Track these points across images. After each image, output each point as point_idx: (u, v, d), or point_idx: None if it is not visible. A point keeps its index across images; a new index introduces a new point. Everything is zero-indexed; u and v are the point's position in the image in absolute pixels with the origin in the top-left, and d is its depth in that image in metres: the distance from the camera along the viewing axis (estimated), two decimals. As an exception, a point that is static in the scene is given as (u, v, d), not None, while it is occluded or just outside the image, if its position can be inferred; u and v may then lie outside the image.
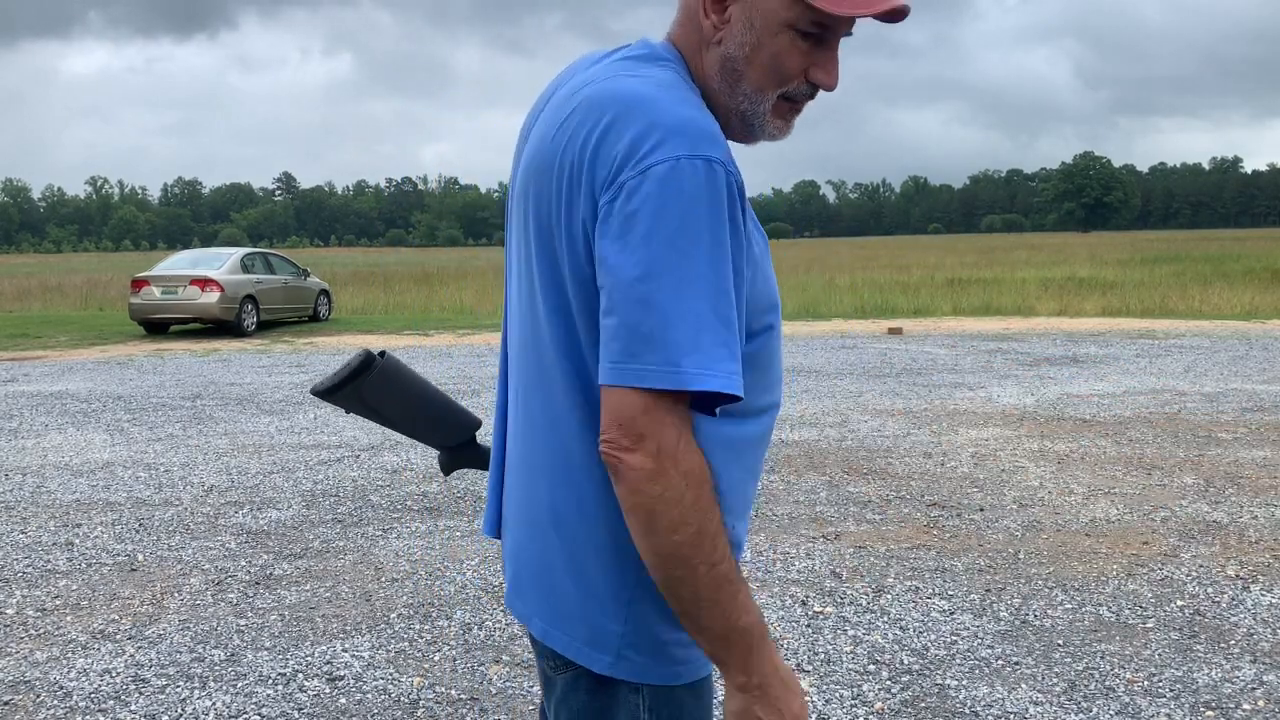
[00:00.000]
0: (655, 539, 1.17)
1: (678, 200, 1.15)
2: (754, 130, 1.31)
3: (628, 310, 1.15)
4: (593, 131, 1.20)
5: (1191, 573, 4.47)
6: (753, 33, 1.24)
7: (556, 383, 1.28)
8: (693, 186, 1.15)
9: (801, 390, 10.01)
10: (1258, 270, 29.67)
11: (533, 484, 1.34)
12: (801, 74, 1.28)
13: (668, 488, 1.15)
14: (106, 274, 41.25)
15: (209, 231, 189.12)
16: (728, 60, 1.26)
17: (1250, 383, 10.07)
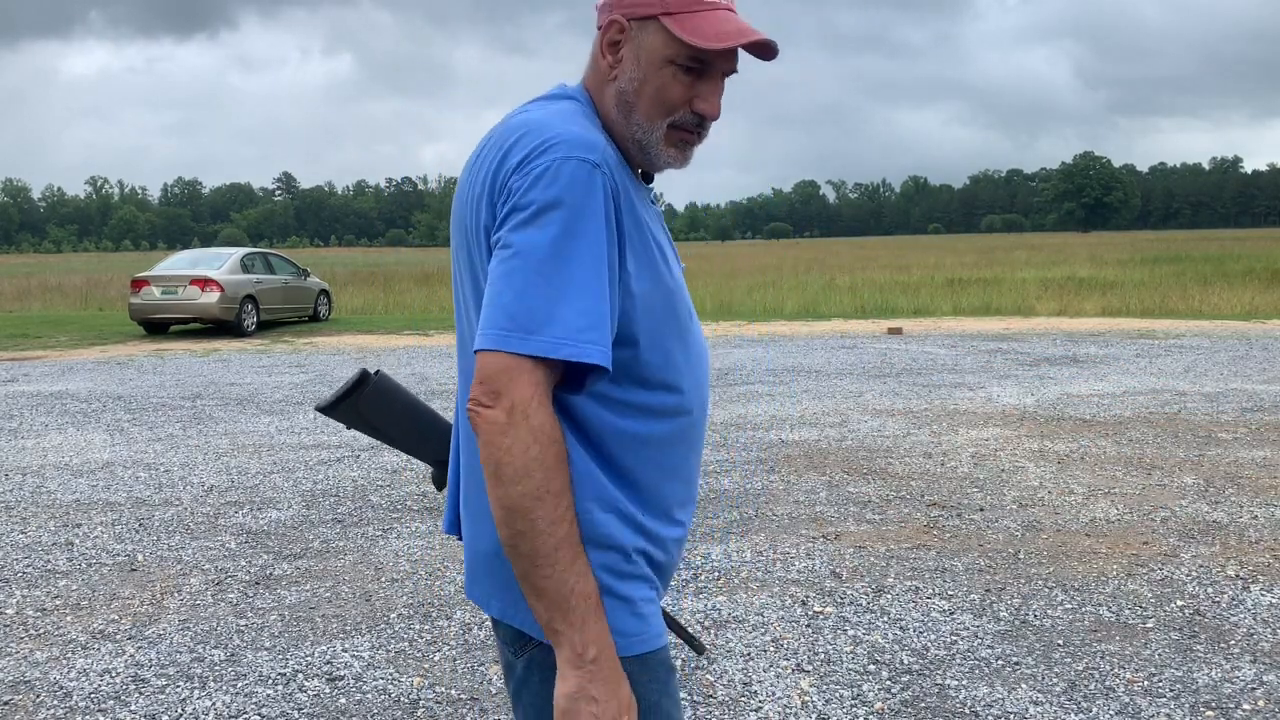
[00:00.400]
0: (501, 489, 1.28)
1: (553, 192, 1.33)
2: (650, 157, 1.48)
3: (501, 285, 1.32)
4: (497, 154, 1.40)
5: (1191, 573, 4.47)
6: (640, 69, 1.43)
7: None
8: (569, 181, 1.33)
9: (801, 390, 10.01)
10: (1258, 270, 29.67)
11: (475, 478, 1.43)
12: (686, 104, 1.45)
13: (516, 440, 1.27)
14: (106, 274, 41.24)
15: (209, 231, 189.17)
16: (621, 94, 1.45)
17: (1250, 383, 10.07)
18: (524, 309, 1.30)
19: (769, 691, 3.39)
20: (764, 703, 3.31)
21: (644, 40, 1.43)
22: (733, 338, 15.94)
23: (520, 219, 1.34)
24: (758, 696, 3.36)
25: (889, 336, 15.77)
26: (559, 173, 1.33)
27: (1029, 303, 21.50)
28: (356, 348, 15.47)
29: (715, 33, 1.41)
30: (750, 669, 3.57)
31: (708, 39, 1.40)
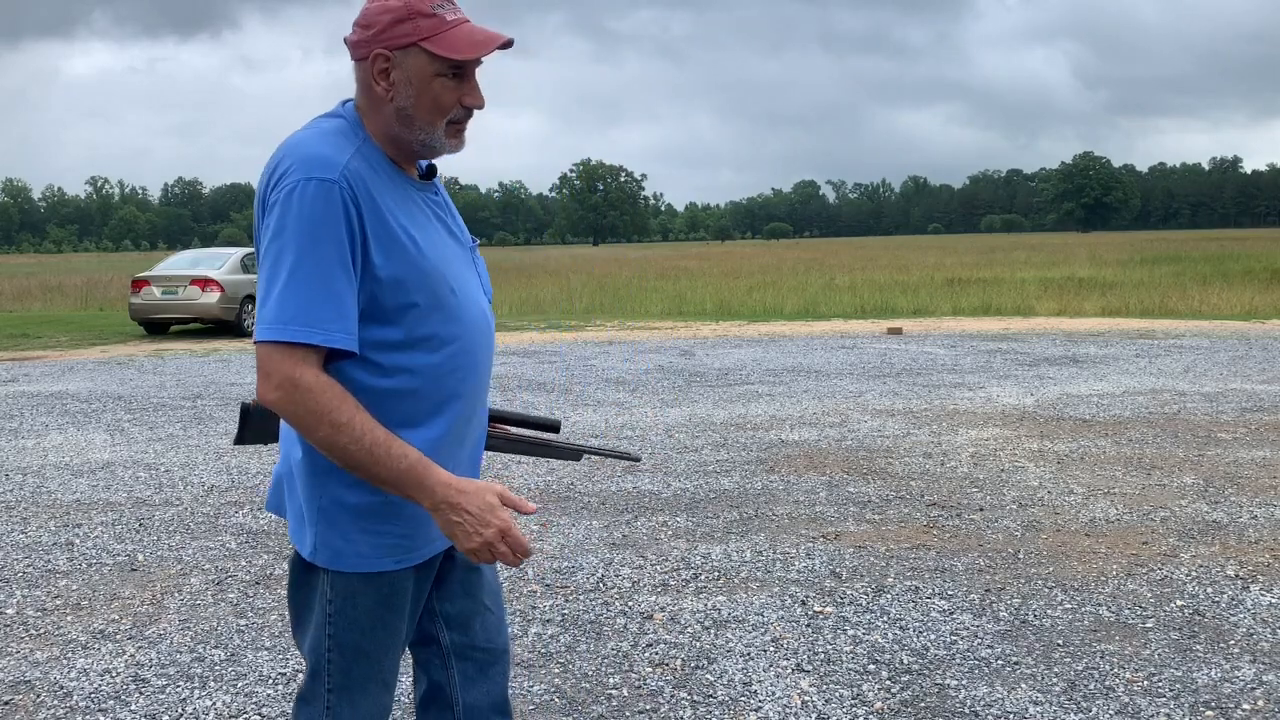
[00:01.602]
0: (311, 436, 1.68)
1: (297, 210, 1.66)
2: (437, 150, 1.82)
3: (264, 287, 1.68)
4: (267, 168, 1.73)
5: (1191, 573, 4.47)
6: (412, 88, 1.75)
7: None
8: (305, 199, 1.66)
9: (801, 390, 10.02)
10: (1257, 270, 29.67)
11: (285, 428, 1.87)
12: (457, 104, 1.78)
13: (297, 404, 1.66)
14: (107, 274, 41.24)
15: (209, 231, 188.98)
16: (401, 110, 1.77)
17: (1250, 383, 10.07)
18: (275, 309, 1.66)
19: (769, 691, 3.39)
20: (764, 703, 3.31)
21: (408, 64, 1.75)
22: (733, 338, 15.94)
23: (274, 230, 1.68)
24: (758, 696, 3.36)
25: (889, 336, 15.78)
26: (301, 193, 1.67)
27: (1029, 303, 21.50)
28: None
29: (468, 44, 1.75)
30: (750, 669, 3.57)
31: (464, 51, 1.74)
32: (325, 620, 1.85)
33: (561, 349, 14.43)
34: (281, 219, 1.67)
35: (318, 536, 1.80)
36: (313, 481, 1.79)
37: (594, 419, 8.54)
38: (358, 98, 1.82)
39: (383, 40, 1.74)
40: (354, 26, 1.78)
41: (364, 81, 1.79)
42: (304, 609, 1.90)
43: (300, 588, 1.89)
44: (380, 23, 1.75)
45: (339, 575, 1.82)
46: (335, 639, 1.86)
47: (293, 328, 1.65)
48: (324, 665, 1.89)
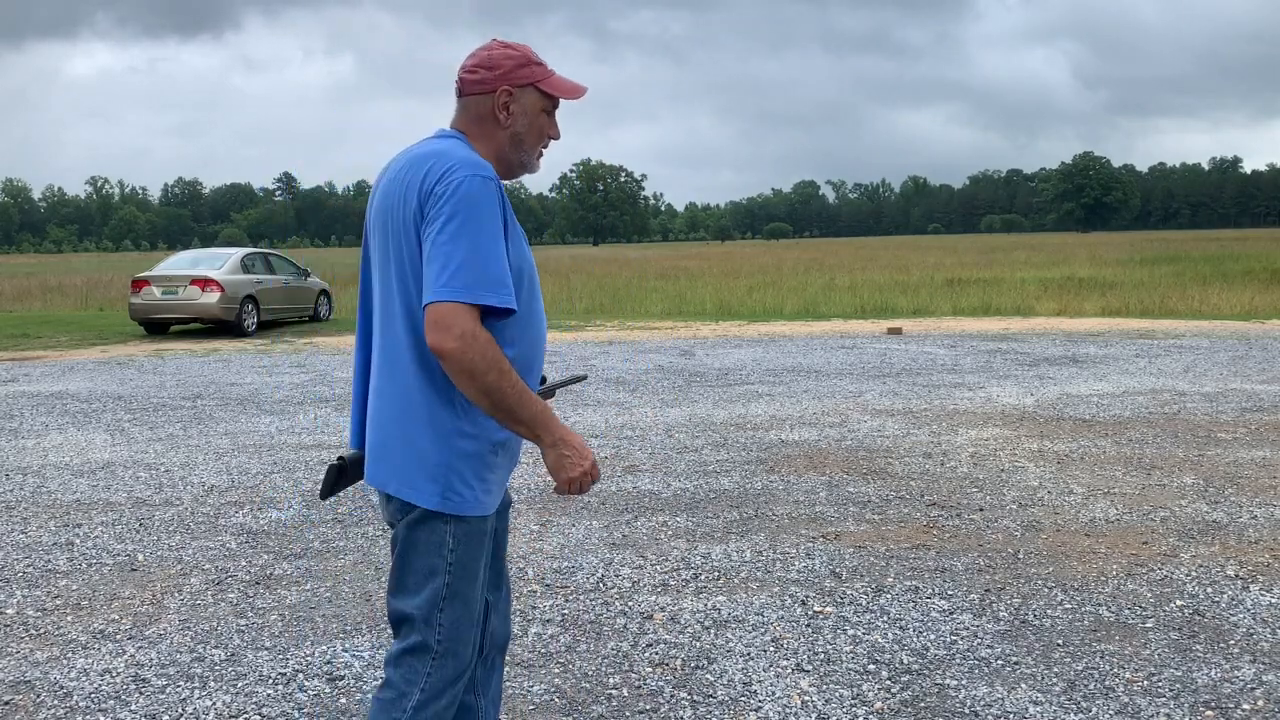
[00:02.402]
0: (478, 381, 2.02)
1: (466, 199, 2.05)
2: (529, 169, 2.32)
3: (442, 259, 2.02)
4: (419, 172, 2.11)
5: (1191, 573, 4.47)
6: (526, 118, 2.25)
7: (398, 332, 2.14)
8: (475, 191, 2.06)
9: (801, 390, 10.02)
10: (1257, 270, 29.67)
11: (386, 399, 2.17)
12: (550, 135, 2.31)
13: (473, 352, 2.00)
14: (107, 274, 41.24)
15: (209, 232, 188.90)
16: (515, 136, 2.25)
17: (1250, 383, 10.07)
18: (461, 274, 2.01)
19: (769, 691, 3.39)
20: (764, 702, 3.31)
21: (525, 100, 2.24)
22: (733, 338, 15.94)
23: (448, 214, 2.04)
24: (758, 696, 3.36)
25: (889, 336, 15.78)
26: (470, 185, 2.05)
27: (1029, 303, 21.50)
28: (356, 348, 15.47)
29: (569, 88, 2.29)
30: (750, 669, 3.57)
31: (569, 93, 2.29)
32: (445, 570, 2.16)
33: (561, 349, 14.43)
34: (455, 204, 2.04)
35: (446, 487, 2.12)
36: (438, 440, 2.12)
37: (594, 419, 8.54)
38: (466, 125, 2.25)
39: (508, 79, 2.21)
40: (474, 69, 2.23)
41: (481, 111, 2.23)
42: (420, 566, 2.16)
43: (418, 546, 2.15)
44: (505, 66, 2.21)
45: (460, 522, 2.15)
46: (451, 587, 2.17)
47: (475, 290, 2.01)
48: (436, 615, 2.17)
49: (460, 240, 2.02)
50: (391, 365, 2.16)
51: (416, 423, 2.12)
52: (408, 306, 2.12)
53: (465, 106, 2.25)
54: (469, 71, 2.23)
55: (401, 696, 2.16)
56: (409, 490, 2.12)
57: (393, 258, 2.15)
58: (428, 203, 2.06)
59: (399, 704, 2.16)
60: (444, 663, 2.17)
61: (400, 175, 2.15)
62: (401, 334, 2.14)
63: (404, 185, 2.12)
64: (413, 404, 2.12)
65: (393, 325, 2.16)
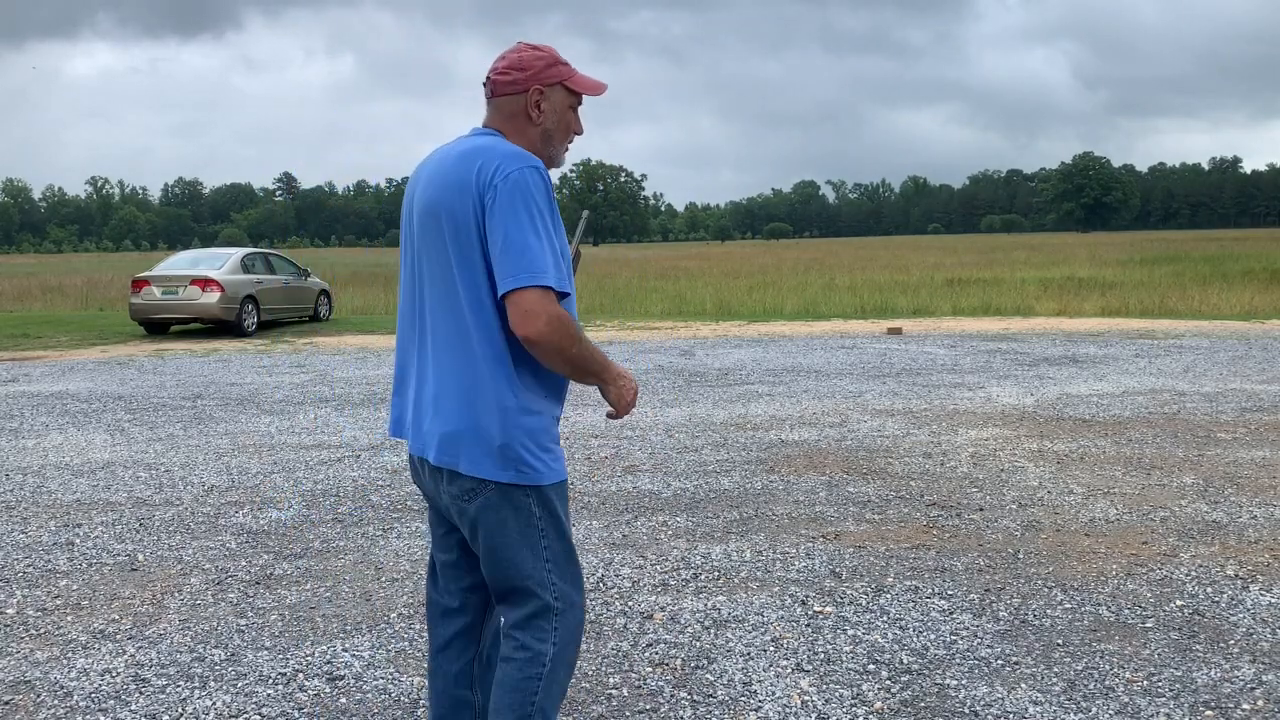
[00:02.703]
0: (565, 353, 2.24)
1: (525, 190, 2.23)
2: (557, 163, 2.47)
3: (515, 249, 2.20)
4: (470, 168, 2.27)
5: (1191, 572, 4.48)
6: (556, 114, 2.43)
7: (462, 322, 2.29)
8: (533, 181, 2.25)
9: (801, 390, 10.02)
10: (1257, 270, 29.67)
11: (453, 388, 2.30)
12: (576, 129, 2.49)
13: (560, 331, 2.21)
14: (107, 274, 41.24)
15: (209, 232, 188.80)
16: (546, 133, 2.43)
17: (1249, 383, 10.07)
18: (532, 262, 2.19)
19: (769, 691, 3.39)
20: (764, 702, 3.31)
21: (554, 97, 2.41)
22: (732, 338, 15.94)
23: (508, 206, 2.21)
24: (758, 696, 3.36)
25: (889, 336, 15.78)
26: (524, 176, 2.23)
27: (1028, 303, 21.50)
28: (357, 347, 15.47)
29: (593, 85, 2.46)
30: (750, 669, 3.57)
31: (593, 90, 2.47)
32: (538, 538, 2.34)
33: (561, 349, 14.41)
34: (516, 196, 2.21)
35: (524, 462, 2.29)
36: (510, 421, 2.27)
37: (594, 419, 8.55)
38: (500, 124, 2.40)
39: (539, 79, 2.38)
40: (506, 70, 2.38)
41: (514, 110, 2.39)
42: (516, 539, 2.32)
43: (507, 521, 2.31)
44: (535, 66, 2.38)
45: (541, 491, 2.32)
46: (550, 549, 2.35)
47: (551, 275, 2.20)
48: (545, 578, 2.35)
49: (526, 230, 2.19)
50: (455, 353, 2.29)
51: (485, 405, 2.26)
52: (473, 297, 2.26)
53: (498, 106, 2.40)
54: (501, 73, 2.38)
55: (538, 655, 2.34)
56: (488, 469, 2.27)
57: (452, 252, 2.27)
58: (487, 195, 2.21)
59: (537, 661, 2.34)
60: (566, 615, 2.38)
61: (450, 172, 2.29)
62: (467, 323, 2.27)
63: (458, 181, 2.26)
64: (481, 388, 2.26)
65: (454, 316, 2.29)
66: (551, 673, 2.36)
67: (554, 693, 2.38)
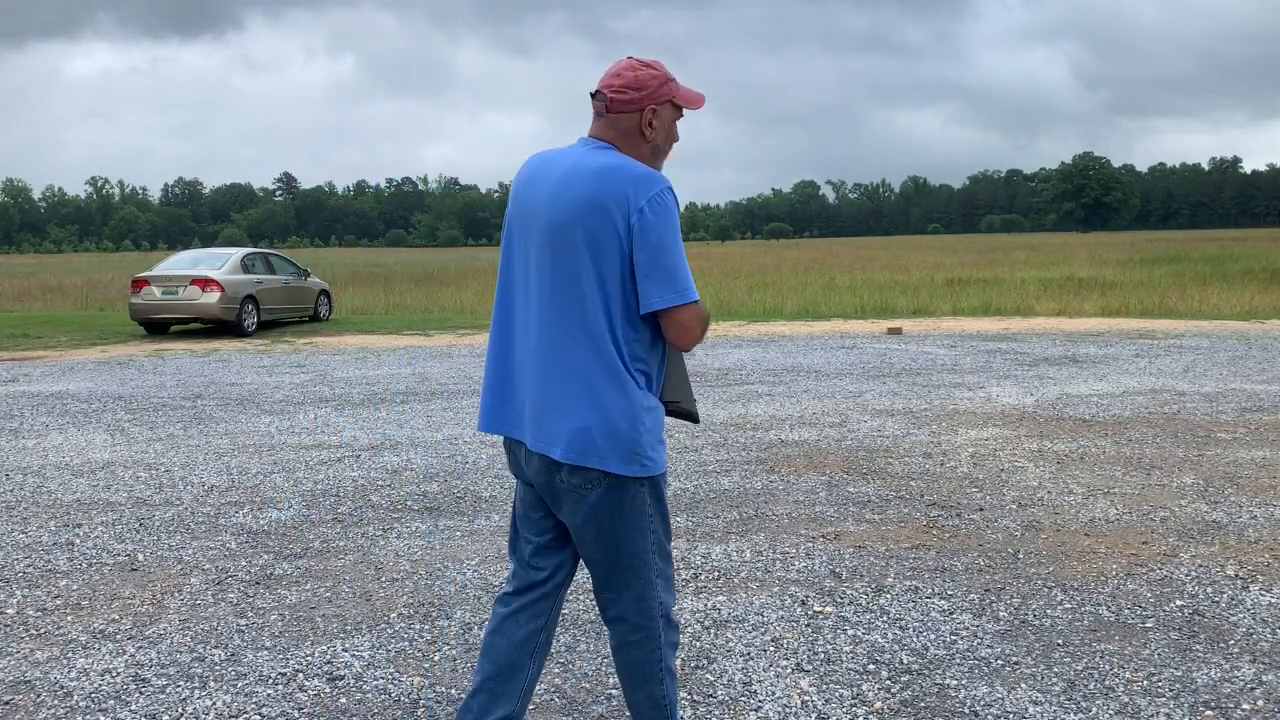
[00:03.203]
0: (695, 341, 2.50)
1: (668, 212, 2.43)
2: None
3: (667, 267, 2.41)
4: (613, 187, 2.42)
5: (1191, 572, 4.48)
6: (664, 130, 2.59)
7: (591, 327, 2.44)
8: (672, 203, 2.45)
9: (801, 390, 10.02)
10: (1257, 270, 29.67)
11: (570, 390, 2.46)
12: (674, 140, 2.65)
13: (702, 335, 2.51)
14: (107, 274, 41.25)
15: (209, 232, 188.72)
16: (656, 147, 2.59)
17: (1249, 383, 10.07)
18: (684, 281, 2.42)
19: (769, 691, 3.39)
20: (764, 702, 3.32)
21: (664, 113, 2.57)
22: (732, 338, 15.94)
23: (656, 228, 2.40)
24: (757, 696, 3.36)
25: (889, 336, 15.78)
26: (667, 198, 2.43)
27: (1028, 303, 21.50)
28: (357, 348, 15.47)
29: (695, 98, 2.64)
30: (750, 669, 3.57)
31: (695, 104, 2.64)
32: (648, 525, 2.54)
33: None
34: (660, 219, 2.40)
35: (646, 455, 2.47)
36: (631, 417, 2.44)
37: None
38: (615, 139, 2.54)
39: (654, 98, 2.54)
40: (623, 89, 2.52)
41: (628, 127, 2.54)
42: (625, 529, 2.52)
43: (620, 511, 2.50)
44: (651, 85, 2.53)
45: (654, 482, 2.53)
46: (657, 539, 2.57)
47: (694, 290, 2.45)
48: (651, 562, 2.57)
49: (675, 250, 2.41)
50: (582, 356, 2.44)
51: (612, 404, 2.43)
52: (604, 305, 2.43)
53: (614, 122, 2.54)
54: (618, 92, 2.52)
55: (650, 632, 2.60)
56: (614, 464, 2.45)
57: (587, 265, 2.42)
58: (633, 216, 2.39)
59: (651, 635, 2.60)
60: (666, 596, 2.61)
61: (588, 190, 2.43)
62: (595, 329, 2.43)
63: (597, 200, 2.41)
64: (607, 389, 2.43)
65: (582, 322, 2.44)
66: (666, 640, 2.62)
67: (669, 658, 2.64)
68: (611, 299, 2.43)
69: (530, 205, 2.54)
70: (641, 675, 2.62)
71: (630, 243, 2.40)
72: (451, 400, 9.81)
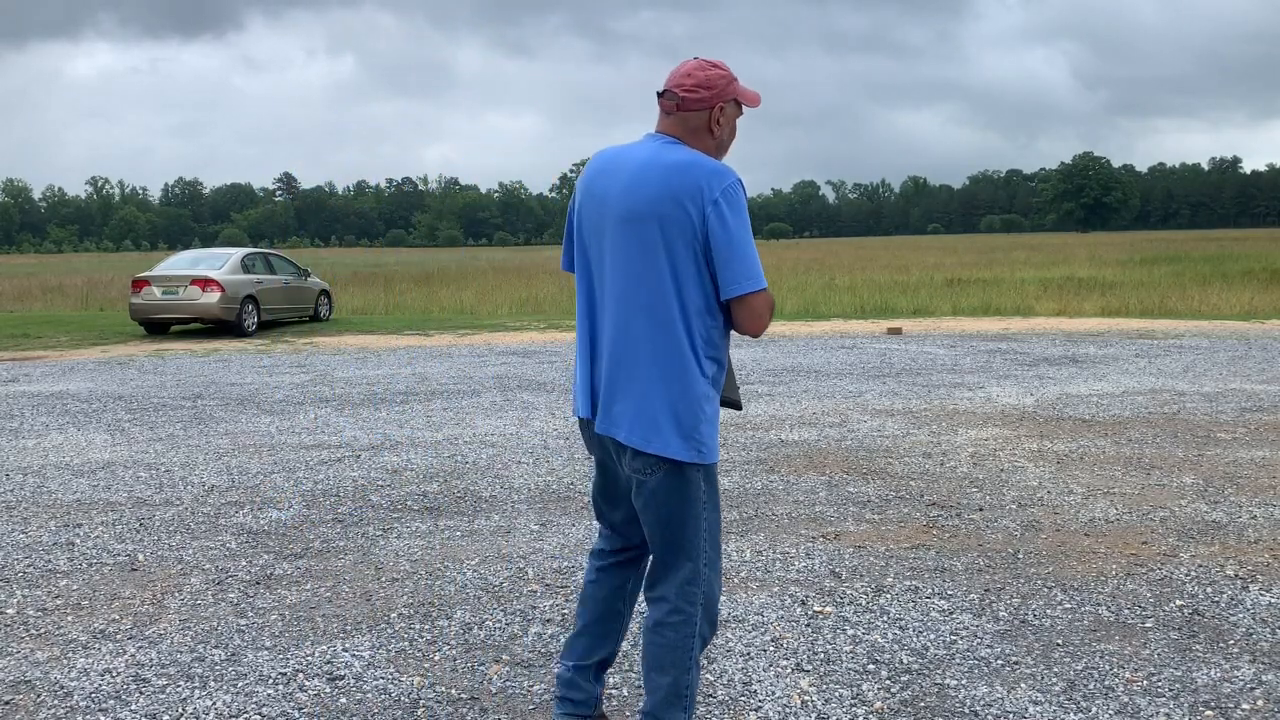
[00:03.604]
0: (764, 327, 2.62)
1: (740, 203, 2.56)
2: None
3: (740, 256, 2.52)
4: (688, 181, 2.54)
5: (1190, 572, 4.48)
6: (729, 126, 2.72)
7: (662, 317, 2.55)
8: (743, 195, 2.57)
9: (801, 390, 10.02)
10: (1257, 270, 29.67)
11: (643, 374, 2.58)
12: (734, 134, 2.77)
13: (770, 318, 2.63)
14: (107, 274, 41.26)
15: (209, 232, 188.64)
16: (720, 143, 2.72)
17: (1249, 383, 10.07)
18: (757, 269, 2.54)
19: (769, 691, 3.40)
20: (764, 702, 3.32)
21: (728, 111, 2.70)
22: (733, 338, 15.93)
23: (731, 219, 2.52)
24: (757, 696, 3.36)
25: (888, 336, 15.78)
26: (738, 190, 2.55)
27: (1028, 303, 21.50)
28: (357, 348, 15.47)
29: (754, 97, 2.77)
30: (750, 668, 3.57)
31: (755, 102, 2.76)
32: (700, 511, 2.64)
33: (561, 349, 14.43)
34: (734, 210, 2.52)
35: (704, 443, 2.58)
36: (693, 405, 2.55)
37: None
38: (684, 134, 2.65)
39: (721, 96, 2.66)
40: (694, 88, 2.63)
41: (698, 124, 2.66)
42: (680, 513, 2.62)
43: (677, 496, 2.61)
44: (719, 85, 2.66)
45: (708, 469, 2.63)
46: (709, 522, 2.66)
47: (763, 277, 2.55)
48: (701, 547, 2.66)
49: (748, 240, 2.53)
50: (652, 344, 2.56)
51: (678, 391, 2.54)
52: (678, 294, 2.54)
53: (684, 119, 2.66)
54: (690, 91, 2.64)
55: (689, 617, 2.66)
56: (673, 448, 2.55)
57: (661, 255, 2.54)
58: (709, 208, 2.51)
59: (690, 621, 2.66)
60: (711, 581, 2.70)
61: (664, 183, 2.54)
62: (666, 317, 2.54)
63: (672, 193, 2.53)
64: (675, 376, 2.55)
65: (653, 310, 2.55)
66: (701, 630, 2.69)
67: (698, 650, 2.70)
68: (685, 288, 2.54)
69: (604, 197, 2.64)
70: (670, 659, 2.68)
71: (705, 234, 2.52)
72: (451, 400, 9.81)
